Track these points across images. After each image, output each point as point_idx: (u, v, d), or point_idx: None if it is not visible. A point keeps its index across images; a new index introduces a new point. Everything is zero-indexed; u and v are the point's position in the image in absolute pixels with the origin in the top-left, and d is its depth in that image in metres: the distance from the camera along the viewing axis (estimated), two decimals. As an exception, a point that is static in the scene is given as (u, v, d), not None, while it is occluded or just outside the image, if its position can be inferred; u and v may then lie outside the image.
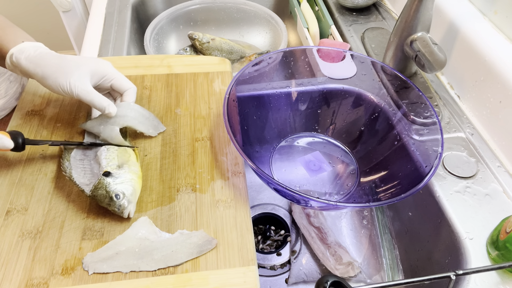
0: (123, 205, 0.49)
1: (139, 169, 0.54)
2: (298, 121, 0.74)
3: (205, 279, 0.45)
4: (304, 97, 0.73)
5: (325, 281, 0.37)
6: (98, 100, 0.55)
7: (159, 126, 0.61)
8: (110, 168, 0.52)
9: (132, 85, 0.60)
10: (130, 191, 0.50)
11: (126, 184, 0.50)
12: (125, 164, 0.53)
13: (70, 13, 1.20)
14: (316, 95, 0.73)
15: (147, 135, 0.60)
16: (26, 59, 0.54)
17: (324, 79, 0.73)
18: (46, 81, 0.54)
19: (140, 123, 0.59)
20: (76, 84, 0.53)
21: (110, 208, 0.49)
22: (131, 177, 0.51)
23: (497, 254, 0.50)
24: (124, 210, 0.49)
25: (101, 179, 0.50)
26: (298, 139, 0.74)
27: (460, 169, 0.60)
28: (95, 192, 0.49)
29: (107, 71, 0.58)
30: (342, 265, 0.62)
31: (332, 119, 0.74)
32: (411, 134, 0.63)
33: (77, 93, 0.54)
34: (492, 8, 0.69)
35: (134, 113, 0.59)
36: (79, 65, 0.55)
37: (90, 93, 0.54)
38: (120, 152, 0.55)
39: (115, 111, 0.56)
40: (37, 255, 0.47)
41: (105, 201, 0.49)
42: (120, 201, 0.48)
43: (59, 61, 0.55)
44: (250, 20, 1.00)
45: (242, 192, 0.54)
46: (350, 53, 0.69)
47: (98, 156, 0.54)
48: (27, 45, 0.55)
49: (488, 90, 0.64)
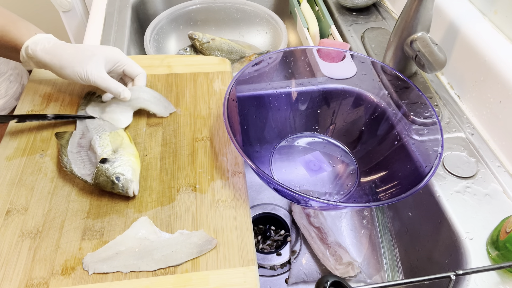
0: (125, 185, 0.50)
1: (134, 149, 0.56)
2: (298, 121, 0.74)
3: (205, 279, 0.45)
4: (304, 97, 0.73)
5: (325, 281, 0.37)
6: (114, 86, 0.58)
7: (169, 107, 0.64)
8: (106, 154, 0.53)
9: (142, 70, 0.63)
10: (129, 171, 0.52)
11: (124, 166, 0.52)
12: (119, 148, 0.55)
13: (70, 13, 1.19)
14: (316, 95, 0.73)
15: (159, 116, 0.63)
16: (42, 50, 0.56)
17: (324, 79, 0.73)
18: (64, 71, 0.57)
19: (153, 103, 0.63)
20: (92, 71, 0.56)
21: (115, 191, 0.51)
22: (127, 158, 0.53)
23: (497, 254, 0.50)
24: (128, 189, 0.51)
25: (99, 166, 0.52)
26: (298, 139, 0.74)
27: (460, 169, 0.60)
28: (97, 180, 0.51)
29: (119, 57, 0.61)
30: (342, 265, 0.62)
31: (332, 119, 0.74)
32: (411, 134, 0.63)
33: (94, 80, 0.57)
34: (492, 8, 0.69)
35: (147, 95, 0.62)
36: (93, 53, 0.58)
37: (106, 80, 0.57)
38: (112, 137, 0.56)
39: (129, 96, 0.60)
40: (37, 255, 0.47)
41: (108, 186, 0.51)
42: (122, 182, 0.50)
43: (74, 51, 0.57)
44: (250, 20, 1.00)
45: (242, 192, 0.54)
46: (350, 53, 0.69)
47: (92, 145, 0.55)
48: (41, 37, 0.58)
49: (488, 90, 0.64)
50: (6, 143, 0.58)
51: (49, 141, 0.58)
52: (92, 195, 0.53)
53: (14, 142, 0.58)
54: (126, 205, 0.52)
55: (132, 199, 0.53)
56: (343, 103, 0.73)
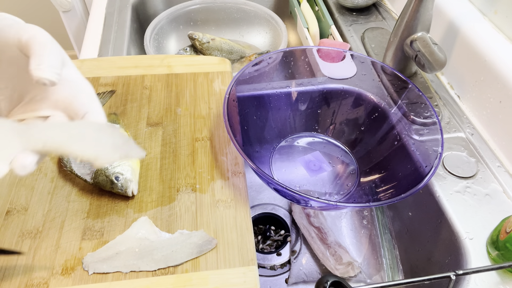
0: (125, 185, 0.51)
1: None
2: (298, 121, 0.74)
3: (205, 279, 0.45)
4: (304, 97, 0.73)
5: (325, 281, 0.37)
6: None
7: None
8: None
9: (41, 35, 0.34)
10: (128, 170, 0.52)
11: (123, 165, 0.52)
12: None
13: (70, 13, 1.19)
14: (316, 95, 0.73)
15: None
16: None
17: (324, 79, 0.73)
18: None
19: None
20: None
21: (114, 190, 0.51)
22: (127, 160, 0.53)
23: (497, 254, 0.50)
24: (127, 189, 0.51)
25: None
26: (298, 139, 0.74)
27: (460, 169, 0.60)
28: (96, 179, 0.51)
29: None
30: (342, 265, 0.62)
31: (332, 119, 0.74)
32: (411, 134, 0.63)
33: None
34: (492, 8, 0.69)
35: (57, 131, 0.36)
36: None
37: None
38: None
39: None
40: (37, 255, 0.47)
41: (107, 185, 0.51)
42: (121, 181, 0.50)
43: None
44: (250, 20, 1.00)
45: (242, 192, 0.54)
46: (350, 53, 0.69)
47: None
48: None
49: (488, 90, 0.64)
50: (6, 143, 0.58)
51: (49, 141, 0.59)
52: (92, 195, 0.53)
53: (14, 142, 0.58)
54: (126, 205, 0.52)
55: (132, 199, 0.53)
56: (343, 103, 0.73)
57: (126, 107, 0.64)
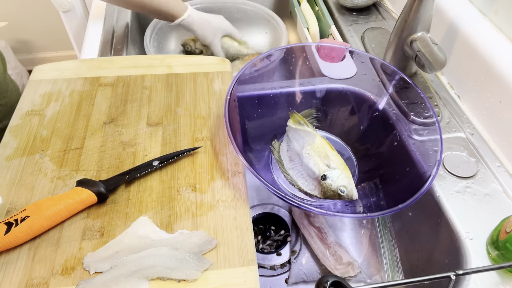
0: (349, 194, 0.57)
1: (336, 156, 0.61)
2: (298, 121, 0.74)
3: (205, 279, 0.45)
4: (304, 97, 0.73)
5: (325, 281, 0.37)
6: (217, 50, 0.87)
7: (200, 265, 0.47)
8: (322, 171, 0.60)
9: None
10: (345, 180, 0.58)
11: (340, 177, 0.58)
12: (328, 160, 0.61)
13: (70, 13, 1.20)
14: (316, 95, 0.73)
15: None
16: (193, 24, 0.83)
17: (324, 79, 0.73)
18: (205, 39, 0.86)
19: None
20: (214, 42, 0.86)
21: (342, 199, 0.58)
22: (339, 170, 0.59)
23: (497, 254, 0.50)
24: (352, 196, 0.57)
25: (323, 184, 0.59)
26: (298, 139, 0.74)
27: (460, 169, 0.60)
28: (326, 195, 0.59)
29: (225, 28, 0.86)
30: (342, 265, 0.62)
31: (332, 119, 0.74)
32: (411, 134, 0.63)
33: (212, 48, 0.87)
34: (492, 8, 0.69)
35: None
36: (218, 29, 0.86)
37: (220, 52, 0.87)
38: (316, 150, 0.62)
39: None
40: (37, 255, 0.47)
41: (336, 197, 0.58)
42: (346, 193, 0.57)
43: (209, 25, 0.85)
44: (250, 20, 1.00)
45: (242, 192, 0.54)
46: (349, 49, 0.69)
47: (306, 164, 0.61)
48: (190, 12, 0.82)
49: (488, 90, 0.64)
50: (6, 143, 0.58)
51: (49, 141, 0.59)
52: (92, 195, 0.53)
53: (14, 142, 0.58)
54: (126, 205, 0.52)
55: (132, 199, 0.53)
56: (343, 103, 0.73)
57: (126, 107, 0.64)
